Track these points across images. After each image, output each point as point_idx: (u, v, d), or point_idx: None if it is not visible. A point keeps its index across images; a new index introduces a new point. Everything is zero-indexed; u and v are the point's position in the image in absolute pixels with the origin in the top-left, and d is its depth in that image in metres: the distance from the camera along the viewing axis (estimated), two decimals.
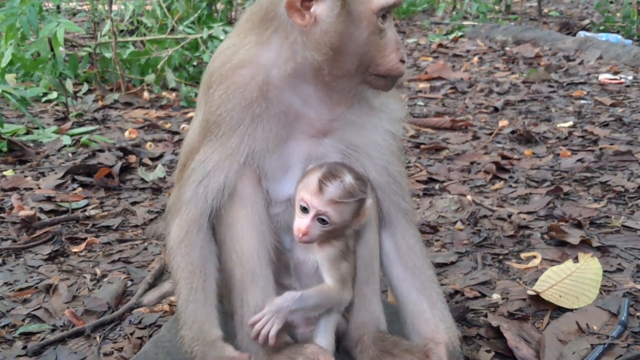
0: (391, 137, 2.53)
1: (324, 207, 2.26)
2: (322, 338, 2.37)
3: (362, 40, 2.27)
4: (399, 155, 2.58)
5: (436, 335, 2.49)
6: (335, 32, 2.25)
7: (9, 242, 4.07)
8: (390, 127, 2.53)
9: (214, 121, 2.38)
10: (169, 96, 7.60)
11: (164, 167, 5.24)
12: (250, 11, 2.47)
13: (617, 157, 5.24)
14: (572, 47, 9.99)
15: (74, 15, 12.91)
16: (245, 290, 2.36)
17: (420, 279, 2.57)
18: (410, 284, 2.57)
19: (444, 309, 2.57)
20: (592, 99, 7.21)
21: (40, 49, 7.28)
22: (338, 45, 2.26)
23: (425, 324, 2.53)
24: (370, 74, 2.34)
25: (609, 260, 3.62)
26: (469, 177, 5.07)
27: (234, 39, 2.48)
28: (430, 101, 7.52)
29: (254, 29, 2.41)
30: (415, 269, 2.57)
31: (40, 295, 3.47)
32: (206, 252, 2.44)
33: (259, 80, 2.34)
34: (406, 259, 2.58)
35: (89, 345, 3.03)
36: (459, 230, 4.14)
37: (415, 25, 13.62)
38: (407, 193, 2.62)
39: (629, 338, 2.89)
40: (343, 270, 2.36)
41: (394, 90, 2.55)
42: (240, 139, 2.36)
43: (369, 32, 2.27)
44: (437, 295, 2.57)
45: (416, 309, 2.55)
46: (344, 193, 2.28)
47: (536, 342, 2.87)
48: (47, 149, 5.78)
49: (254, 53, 2.37)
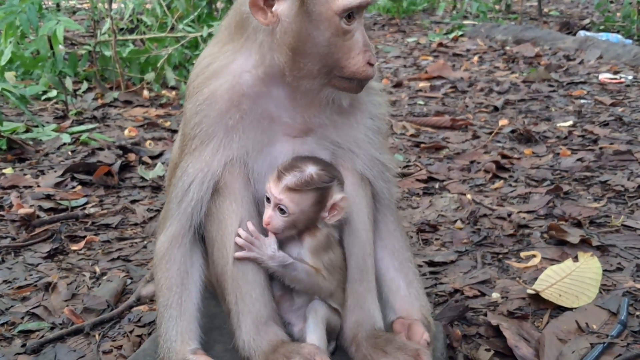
0: (374, 132, 2.52)
1: (279, 195, 2.29)
2: (312, 335, 2.38)
3: (322, 42, 2.23)
4: (386, 146, 2.59)
5: (411, 312, 2.54)
6: (294, 32, 2.21)
7: (8, 240, 4.07)
8: (372, 124, 2.52)
9: (189, 134, 2.39)
10: (168, 94, 7.60)
11: (163, 165, 5.24)
12: (228, 18, 2.44)
13: (617, 156, 5.24)
14: (572, 46, 9.99)
15: (73, 14, 12.90)
16: (239, 286, 2.36)
17: (398, 259, 2.62)
18: (388, 263, 2.61)
19: (420, 287, 2.62)
20: (592, 99, 7.20)
21: (40, 47, 7.27)
22: (296, 45, 2.22)
23: (400, 301, 2.58)
24: (335, 76, 2.29)
25: (609, 259, 3.61)
26: (469, 176, 5.07)
27: (211, 48, 2.47)
28: (430, 100, 7.52)
29: (231, 35, 2.40)
30: (394, 250, 2.62)
31: (40, 293, 3.46)
32: (187, 266, 2.45)
33: (230, 90, 2.33)
34: (386, 242, 2.62)
35: (88, 343, 3.03)
36: (458, 229, 4.14)
37: (416, 25, 13.62)
38: (394, 183, 2.64)
39: (629, 337, 2.88)
40: (325, 261, 2.39)
41: (376, 83, 2.55)
42: (215, 150, 2.35)
43: (330, 34, 2.22)
44: (413, 274, 2.63)
45: (392, 286, 2.60)
46: (298, 181, 2.29)
47: (536, 341, 2.87)
48: (46, 147, 5.78)
49: (228, 62, 2.36)
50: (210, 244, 2.42)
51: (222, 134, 2.34)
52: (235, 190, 2.37)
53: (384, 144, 2.58)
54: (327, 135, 2.45)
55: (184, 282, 2.45)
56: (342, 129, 2.46)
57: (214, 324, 2.68)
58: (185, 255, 2.45)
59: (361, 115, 2.49)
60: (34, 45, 7.50)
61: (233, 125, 2.34)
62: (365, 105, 2.51)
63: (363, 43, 2.27)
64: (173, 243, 2.44)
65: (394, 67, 9.36)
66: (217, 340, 2.60)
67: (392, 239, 2.63)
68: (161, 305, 2.43)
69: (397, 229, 2.66)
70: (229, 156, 2.35)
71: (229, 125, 2.34)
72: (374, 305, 2.51)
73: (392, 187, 2.63)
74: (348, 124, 2.47)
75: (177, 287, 2.43)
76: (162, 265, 2.45)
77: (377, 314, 2.51)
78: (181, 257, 2.45)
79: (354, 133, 2.48)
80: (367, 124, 2.50)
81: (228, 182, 2.36)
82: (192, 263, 2.47)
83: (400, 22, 13.76)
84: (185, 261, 2.45)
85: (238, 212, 2.36)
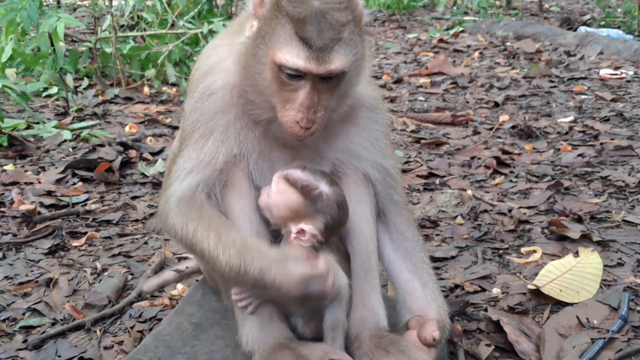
0: (375, 135, 2.50)
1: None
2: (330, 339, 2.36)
3: (265, 78, 2.19)
4: (389, 148, 2.57)
5: (427, 313, 2.51)
6: (247, 50, 2.19)
7: (9, 236, 4.08)
8: (372, 129, 2.49)
9: (187, 130, 2.38)
10: (169, 91, 7.59)
11: (164, 161, 5.23)
12: (243, 12, 2.43)
13: (618, 152, 5.24)
14: (573, 42, 9.98)
15: (74, 10, 12.91)
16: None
17: (411, 260, 2.59)
18: (401, 265, 2.60)
19: (436, 288, 2.59)
20: (593, 94, 7.20)
21: (41, 44, 7.27)
22: (245, 64, 2.21)
23: (416, 302, 2.55)
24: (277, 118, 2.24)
25: (610, 254, 3.61)
26: (470, 172, 5.06)
27: (214, 41, 2.47)
28: (430, 96, 7.51)
29: (234, 28, 2.39)
30: (407, 252, 2.60)
31: (41, 289, 3.47)
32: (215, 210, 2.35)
33: (223, 88, 2.32)
34: (397, 243, 2.61)
35: (89, 339, 3.03)
36: (459, 224, 4.14)
37: (416, 21, 13.60)
38: (400, 185, 2.63)
39: (629, 332, 2.89)
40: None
41: (372, 87, 2.50)
42: (215, 146, 2.33)
43: (271, 76, 2.17)
44: (428, 275, 2.60)
45: (408, 288, 2.58)
46: (301, 182, 2.30)
47: (536, 336, 2.87)
48: (47, 143, 5.78)
49: (224, 57, 2.34)
50: None
51: (220, 131, 2.34)
52: (239, 184, 2.35)
53: (386, 145, 2.55)
54: (328, 143, 2.42)
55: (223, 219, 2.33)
56: (341, 135, 2.43)
57: (214, 319, 2.69)
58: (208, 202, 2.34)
59: (359, 120, 2.46)
60: (35, 42, 7.50)
61: (227, 124, 2.33)
62: (361, 115, 2.47)
63: (300, 103, 2.15)
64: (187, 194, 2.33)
65: (395, 63, 9.35)
66: (219, 336, 2.59)
67: (404, 240, 2.62)
68: (212, 236, 2.24)
69: (408, 229, 2.63)
70: (230, 151, 2.34)
71: (228, 120, 2.33)
72: (378, 303, 2.49)
73: (398, 187, 2.61)
74: (345, 130, 2.44)
75: (220, 216, 2.31)
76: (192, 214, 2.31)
77: (381, 312, 2.50)
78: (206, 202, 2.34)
79: (353, 137, 2.45)
80: (367, 128, 2.48)
81: (231, 176, 2.34)
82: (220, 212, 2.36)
83: (400, 18, 13.74)
84: (212, 205, 2.34)
85: (243, 205, 2.35)
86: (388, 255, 2.62)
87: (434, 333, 2.37)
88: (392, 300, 2.81)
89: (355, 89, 2.32)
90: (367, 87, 2.47)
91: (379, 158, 2.52)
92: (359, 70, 2.26)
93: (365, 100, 2.48)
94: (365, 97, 2.47)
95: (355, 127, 2.47)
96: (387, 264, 2.63)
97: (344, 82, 2.21)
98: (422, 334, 2.39)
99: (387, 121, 2.58)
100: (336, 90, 2.21)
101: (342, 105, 2.31)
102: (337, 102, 2.27)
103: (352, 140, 2.46)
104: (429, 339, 2.37)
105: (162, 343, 2.63)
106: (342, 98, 2.28)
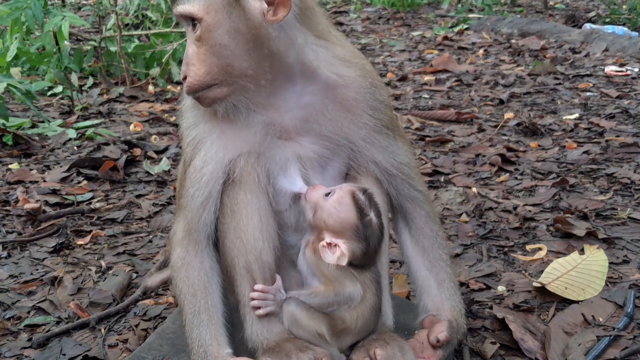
0: (382, 127, 2.45)
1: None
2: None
3: None
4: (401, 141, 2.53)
5: (441, 313, 2.51)
6: None
7: (14, 234, 4.09)
8: (376, 121, 2.43)
9: (188, 130, 2.42)
10: (174, 89, 7.60)
11: (168, 160, 5.24)
12: None
13: (623, 149, 5.22)
14: (578, 39, 9.95)
15: (78, 9, 12.93)
16: (251, 278, 2.34)
17: (429, 257, 2.59)
18: (419, 262, 2.60)
19: (452, 287, 2.58)
20: (598, 91, 7.17)
21: (46, 43, 7.30)
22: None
23: (431, 301, 2.56)
24: None
25: (615, 252, 3.60)
26: (474, 170, 5.05)
27: None
28: (435, 94, 7.50)
29: None
30: (425, 249, 2.60)
31: (46, 287, 3.47)
32: (206, 270, 2.42)
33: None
34: (415, 239, 2.61)
35: (94, 337, 3.03)
36: (464, 222, 4.13)
37: (421, 18, 13.57)
38: (417, 179, 2.59)
39: (635, 330, 2.88)
40: (330, 272, 2.31)
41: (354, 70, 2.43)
42: (219, 146, 2.34)
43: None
44: (445, 273, 2.59)
45: (424, 286, 2.59)
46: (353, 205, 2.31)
47: (542, 334, 2.86)
48: (52, 142, 5.79)
49: None
50: (222, 235, 2.39)
51: (219, 130, 2.34)
52: (249, 182, 2.33)
53: (397, 139, 2.51)
54: (327, 134, 2.38)
55: (208, 287, 2.41)
56: (342, 122, 2.38)
57: None
58: (204, 258, 2.42)
59: (363, 110, 2.40)
60: (40, 41, 7.53)
61: (231, 120, 2.33)
62: (366, 100, 2.41)
63: (185, 54, 2.29)
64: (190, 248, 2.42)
65: (399, 61, 9.33)
66: None
67: (422, 236, 2.61)
68: (188, 313, 2.39)
69: (426, 225, 2.62)
70: (238, 150, 2.33)
71: (227, 120, 2.33)
72: (386, 302, 2.48)
73: (415, 181, 2.57)
74: (350, 120, 2.38)
75: (202, 292, 2.40)
76: (182, 273, 2.41)
77: (388, 312, 2.49)
78: (200, 262, 2.41)
79: (356, 130, 2.40)
80: (370, 120, 2.42)
81: (241, 174, 2.33)
82: (211, 266, 2.44)
83: (405, 16, 13.72)
84: (205, 263, 2.42)
85: (252, 202, 2.34)
86: (408, 251, 2.63)
87: (440, 335, 2.37)
88: (397, 298, 2.82)
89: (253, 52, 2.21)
90: (341, 68, 2.36)
91: (391, 148, 2.48)
92: (231, 24, 2.18)
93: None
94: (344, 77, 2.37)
95: (359, 115, 2.41)
96: (407, 260, 2.64)
97: (212, 34, 2.18)
98: (430, 334, 2.40)
99: (383, 114, 2.48)
100: (203, 42, 2.20)
101: (234, 66, 2.22)
102: (218, 59, 2.21)
103: (356, 129, 2.41)
104: (432, 340, 2.37)
105: (167, 341, 2.64)
106: (221, 55, 2.20)
